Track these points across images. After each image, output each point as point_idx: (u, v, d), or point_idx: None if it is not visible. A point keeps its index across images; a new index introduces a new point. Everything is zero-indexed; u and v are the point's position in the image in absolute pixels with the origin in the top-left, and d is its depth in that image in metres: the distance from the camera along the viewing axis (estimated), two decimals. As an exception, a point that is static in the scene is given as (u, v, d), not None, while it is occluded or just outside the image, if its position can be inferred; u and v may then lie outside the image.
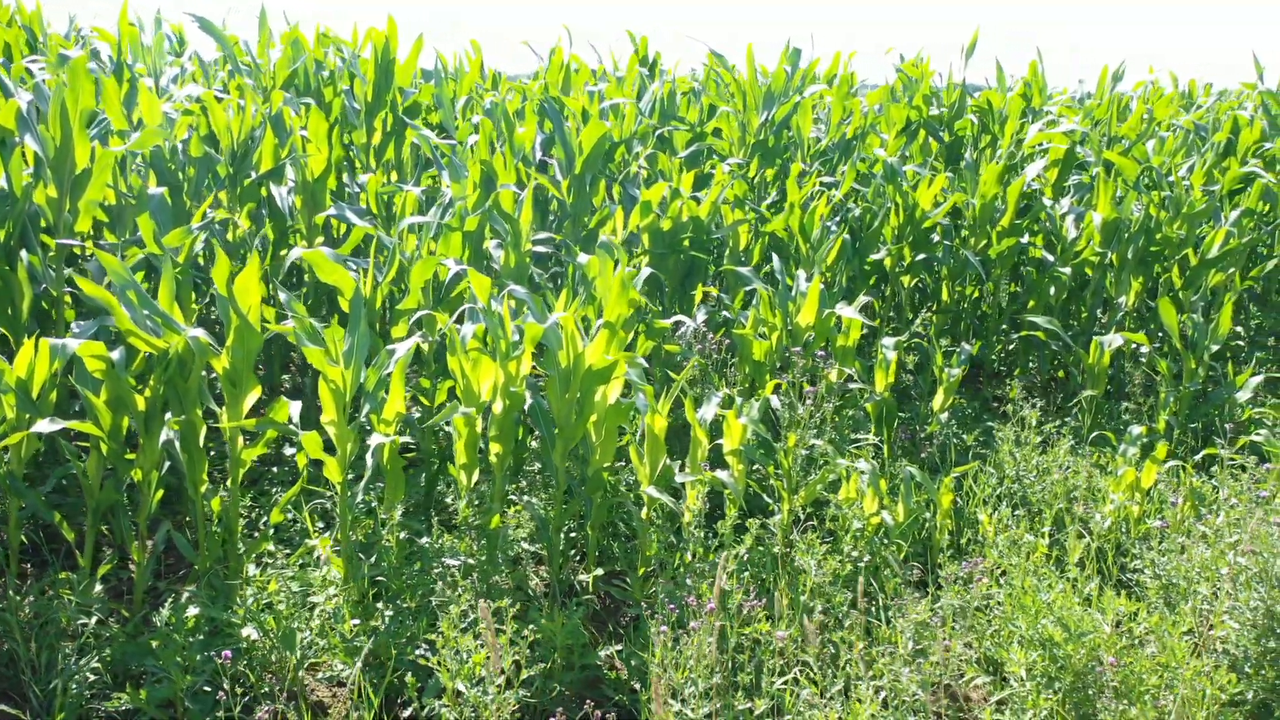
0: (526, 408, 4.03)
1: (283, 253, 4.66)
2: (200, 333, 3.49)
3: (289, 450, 5.06)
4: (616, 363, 3.77)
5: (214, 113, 5.14)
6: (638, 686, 3.51)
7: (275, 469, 5.09)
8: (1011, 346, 6.72)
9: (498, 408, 3.82)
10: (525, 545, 4.36)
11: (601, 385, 3.88)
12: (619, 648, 3.58)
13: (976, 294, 6.47)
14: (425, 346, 4.57)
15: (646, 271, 4.88)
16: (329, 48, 6.37)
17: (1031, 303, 6.36)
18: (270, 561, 3.93)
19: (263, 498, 4.71)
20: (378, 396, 3.80)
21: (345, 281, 4.08)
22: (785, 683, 3.28)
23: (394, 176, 6.27)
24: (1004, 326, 6.34)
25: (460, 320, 4.00)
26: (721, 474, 4.03)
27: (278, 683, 3.47)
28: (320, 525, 4.39)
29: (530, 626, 3.18)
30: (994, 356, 6.55)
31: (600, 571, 4.09)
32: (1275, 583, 3.58)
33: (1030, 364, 6.52)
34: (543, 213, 6.21)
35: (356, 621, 3.61)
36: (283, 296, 3.72)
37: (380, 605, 3.69)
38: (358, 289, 3.86)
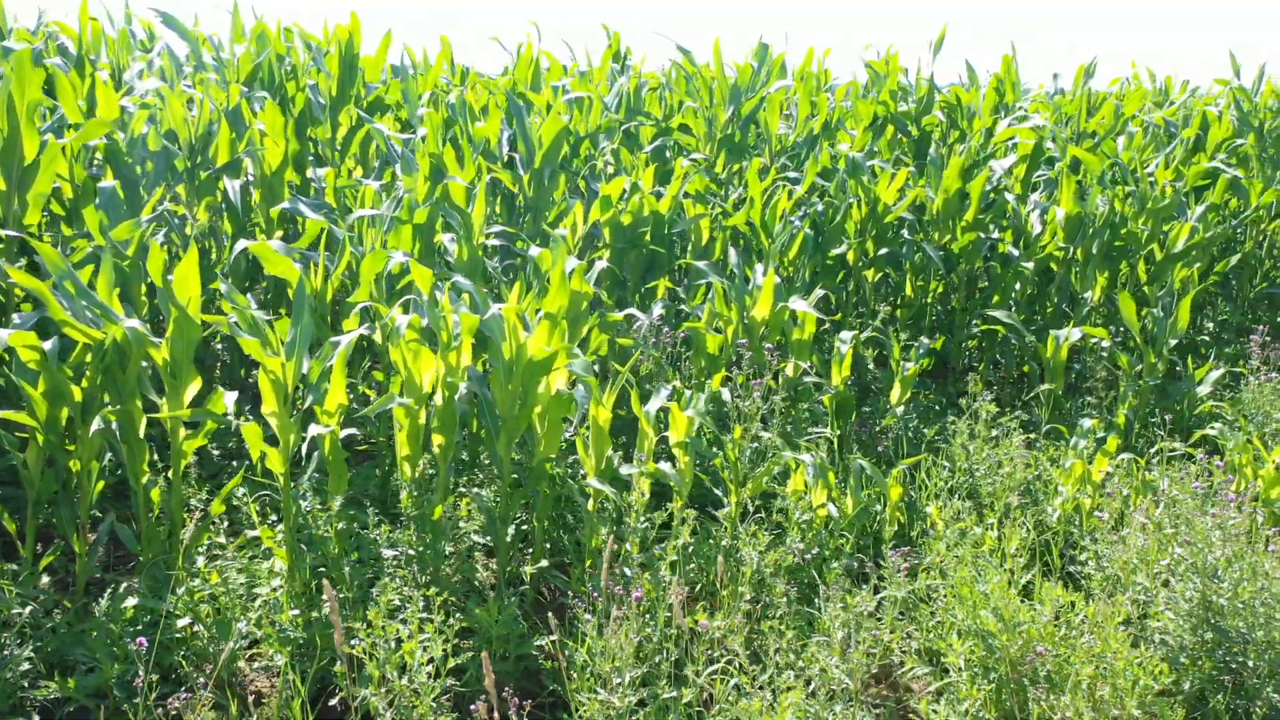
0: (470, 399, 4.04)
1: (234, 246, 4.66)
2: (137, 324, 3.50)
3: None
4: (556, 354, 3.77)
5: (172, 107, 5.15)
6: (576, 676, 3.52)
7: (235, 462, 5.10)
8: (979, 342, 6.72)
9: (439, 399, 3.83)
10: (476, 537, 4.37)
11: (543, 376, 3.88)
12: (555, 638, 3.58)
13: (941, 289, 6.48)
14: (379, 339, 4.58)
15: (600, 265, 4.88)
16: (292, 43, 6.37)
17: (996, 297, 6.37)
18: (221, 553, 3.94)
19: (221, 490, 4.71)
20: (321, 388, 3.81)
21: (292, 274, 4.08)
22: (715, 672, 3.29)
23: (359, 171, 6.28)
24: (976, 322, 6.34)
25: (403, 311, 4.01)
26: (665, 466, 4.04)
27: (214, 672, 3.48)
28: (275, 517, 4.40)
29: (456, 615, 3.18)
30: (959, 352, 6.55)
31: (546, 563, 4.10)
32: (1209, 574, 3.59)
33: (998, 359, 6.52)
34: (510, 207, 6.22)
35: (296, 612, 3.62)
36: (223, 288, 3.72)
37: (324, 596, 3.70)
38: (301, 280, 3.86)
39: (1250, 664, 3.56)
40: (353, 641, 3.49)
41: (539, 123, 5.72)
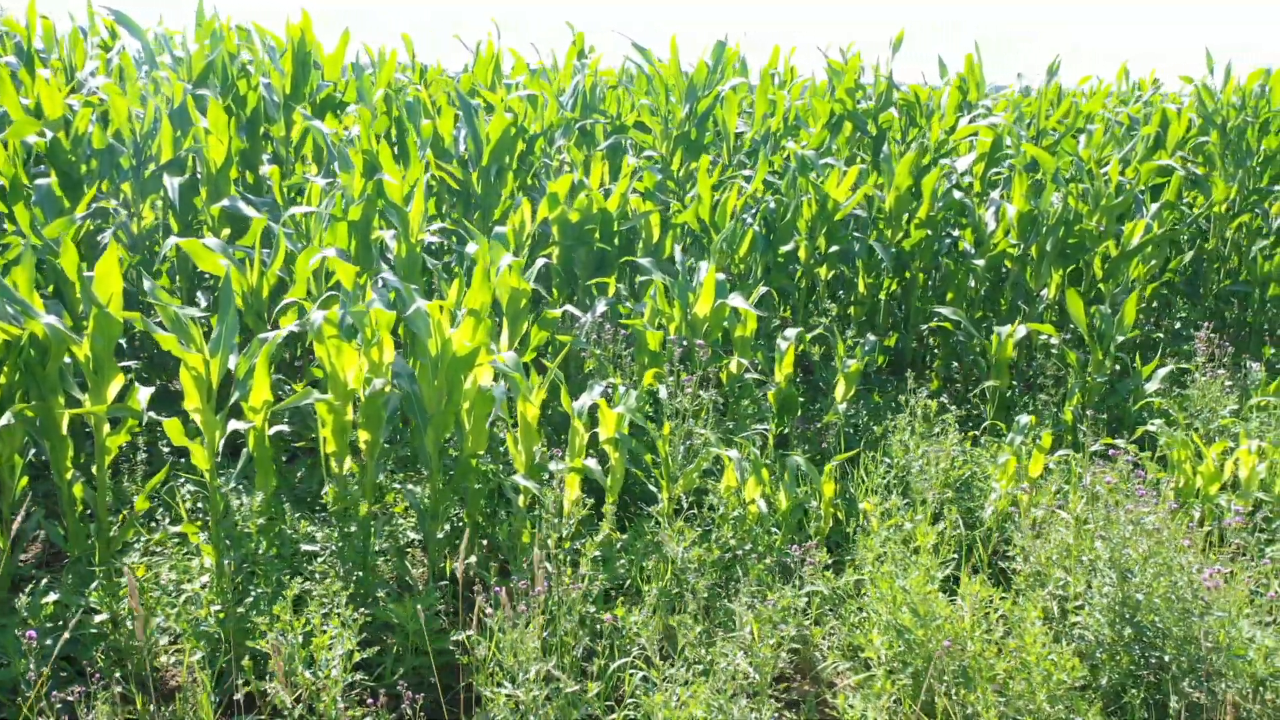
0: (399, 395, 4.05)
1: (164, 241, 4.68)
2: (55, 320, 3.51)
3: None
4: (479, 349, 3.78)
5: (115, 105, 5.16)
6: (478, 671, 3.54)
7: (184, 458, 5.11)
8: (936, 339, 6.73)
9: (363, 395, 3.84)
10: (415, 534, 4.39)
11: (468, 372, 3.90)
12: (471, 633, 3.60)
13: (895, 286, 6.49)
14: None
15: (541, 262, 4.89)
16: (248, 42, 6.38)
17: (950, 295, 6.38)
18: (159, 550, 3.95)
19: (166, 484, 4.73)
20: (247, 384, 3.83)
21: (220, 270, 4.10)
22: (622, 666, 3.30)
23: (314, 169, 6.29)
24: (927, 319, 6.35)
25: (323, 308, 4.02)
26: (591, 462, 4.05)
27: (134, 668, 3.50)
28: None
29: (361, 610, 3.20)
30: (914, 350, 6.56)
31: (474, 559, 4.11)
32: (1125, 570, 3.60)
33: (954, 356, 6.53)
34: (465, 203, 6.23)
35: (218, 608, 3.64)
36: (147, 284, 3.73)
37: (253, 591, 3.72)
38: (227, 276, 3.87)
39: (1167, 659, 3.57)
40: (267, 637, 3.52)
41: (489, 121, 5.73)
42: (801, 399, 5.82)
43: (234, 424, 3.66)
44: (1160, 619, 3.56)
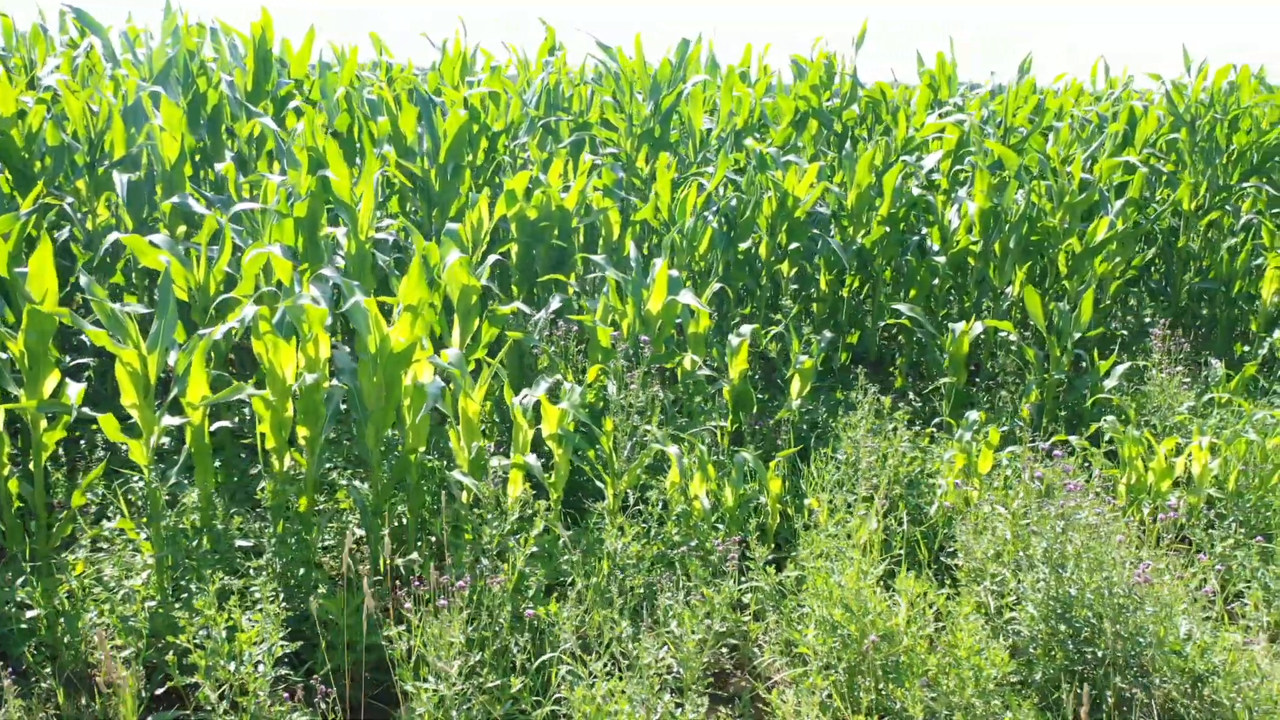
0: (343, 391, 4.04)
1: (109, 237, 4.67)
2: (-15, 315, 3.51)
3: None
4: (415, 345, 3.78)
5: (69, 102, 5.16)
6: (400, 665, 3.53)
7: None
8: (903, 337, 6.73)
9: (300, 391, 3.84)
10: (359, 530, 4.39)
11: (406, 368, 3.89)
12: (403, 627, 3.60)
13: (857, 283, 6.49)
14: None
15: (492, 259, 4.89)
16: (208, 38, 6.38)
17: (913, 292, 6.37)
18: (105, 546, 3.95)
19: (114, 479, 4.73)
20: (186, 380, 3.82)
21: (162, 266, 4.09)
22: (552, 662, 3.30)
23: (276, 167, 6.29)
24: (886, 316, 6.35)
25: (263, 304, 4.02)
26: (531, 459, 4.05)
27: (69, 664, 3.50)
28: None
29: (285, 605, 3.19)
30: (878, 347, 6.56)
31: (415, 556, 4.10)
32: (1057, 565, 3.59)
33: (920, 353, 6.53)
34: (428, 201, 6.22)
35: (153, 603, 3.64)
36: (83, 280, 3.73)
37: (194, 587, 3.72)
38: (166, 272, 3.88)
39: (1101, 654, 3.57)
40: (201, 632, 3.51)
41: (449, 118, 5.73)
42: (762, 396, 5.83)
43: (168, 419, 3.66)
44: (1093, 614, 3.56)
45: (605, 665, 3.19)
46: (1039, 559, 3.63)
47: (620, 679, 3.09)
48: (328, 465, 4.79)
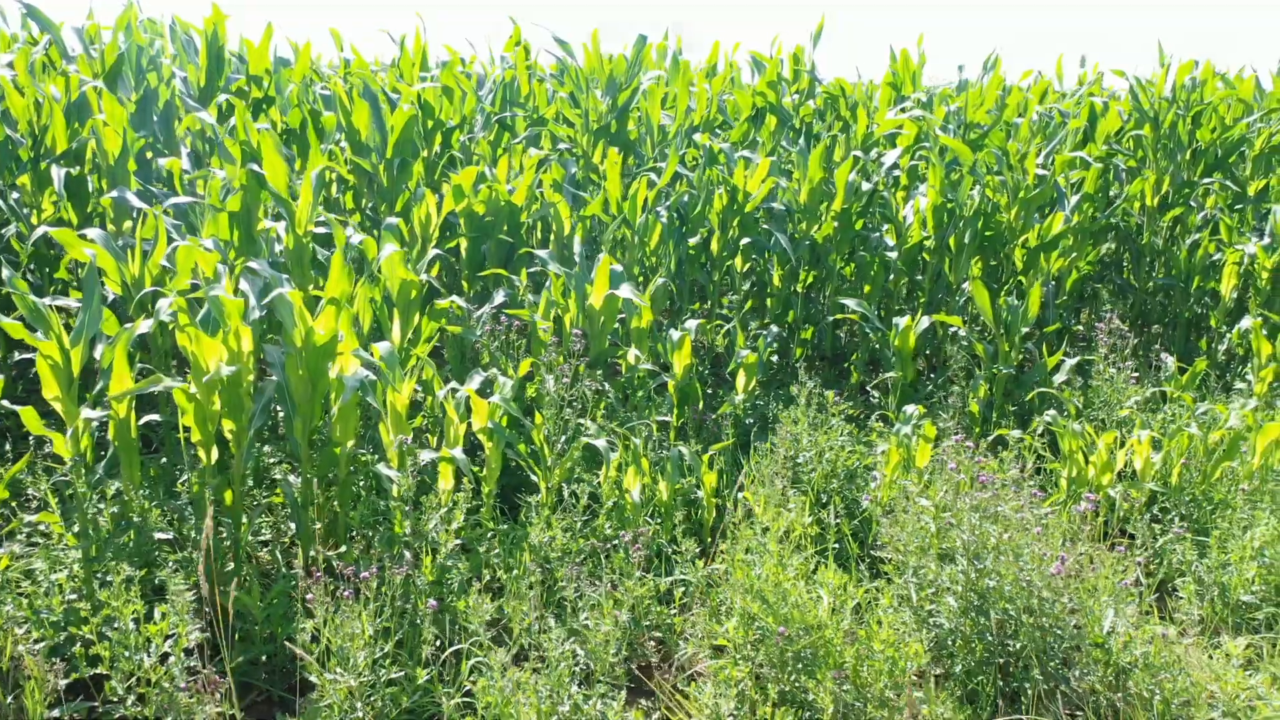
0: (269, 384, 4.04)
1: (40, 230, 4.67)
2: (-96, 308, 3.51)
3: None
4: (338, 338, 3.78)
5: (12, 99, 5.16)
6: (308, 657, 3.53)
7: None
8: (854, 331, 6.73)
9: (222, 384, 3.83)
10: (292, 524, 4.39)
11: (331, 361, 3.89)
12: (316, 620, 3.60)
13: (810, 279, 6.48)
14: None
15: (433, 253, 4.89)
16: (158, 34, 6.38)
17: (867, 288, 6.37)
18: (42, 540, 3.95)
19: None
20: (110, 374, 3.82)
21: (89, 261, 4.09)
22: (462, 652, 3.30)
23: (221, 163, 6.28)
24: (835, 311, 6.34)
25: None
26: (457, 452, 4.04)
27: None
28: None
29: (185, 596, 3.19)
30: (836, 342, 6.56)
31: (343, 549, 4.10)
32: (973, 556, 3.59)
33: (871, 349, 6.53)
34: (380, 196, 6.22)
35: (74, 596, 3.63)
36: (5, 273, 3.73)
37: (116, 581, 3.71)
38: (90, 266, 3.88)
39: (1018, 647, 3.57)
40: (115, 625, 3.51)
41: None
42: (712, 391, 5.83)
43: (87, 413, 3.65)
44: (1012, 607, 3.56)
45: (515, 656, 3.19)
46: (959, 551, 3.63)
47: (529, 670, 3.09)
48: (272, 461, 4.80)
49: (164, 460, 4.47)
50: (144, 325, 3.87)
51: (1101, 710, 3.61)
